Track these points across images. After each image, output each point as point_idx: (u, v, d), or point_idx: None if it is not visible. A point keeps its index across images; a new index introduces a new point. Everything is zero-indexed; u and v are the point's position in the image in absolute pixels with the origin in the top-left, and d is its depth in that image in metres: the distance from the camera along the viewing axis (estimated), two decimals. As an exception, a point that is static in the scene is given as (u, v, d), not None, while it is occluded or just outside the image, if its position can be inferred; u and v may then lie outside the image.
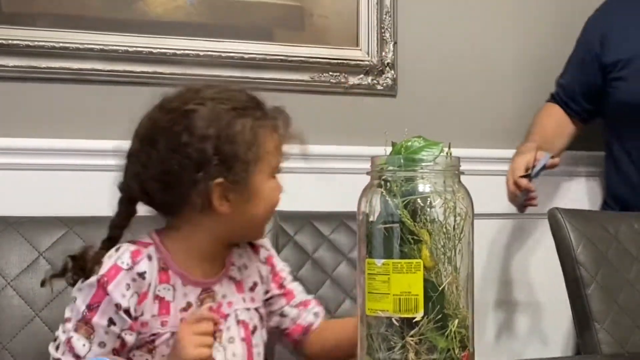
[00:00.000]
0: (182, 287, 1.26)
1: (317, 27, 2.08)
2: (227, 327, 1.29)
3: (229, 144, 1.24)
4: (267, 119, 1.31)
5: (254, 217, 1.30)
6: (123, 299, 1.20)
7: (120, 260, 1.23)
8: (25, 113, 1.86)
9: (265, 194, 1.29)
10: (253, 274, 1.37)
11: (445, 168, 0.99)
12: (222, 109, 1.26)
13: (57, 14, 1.87)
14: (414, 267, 0.95)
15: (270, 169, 1.29)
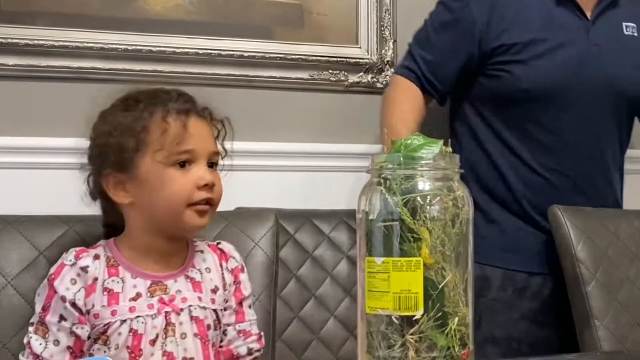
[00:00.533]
0: (131, 279, 1.32)
1: (316, 25, 2.08)
2: (180, 322, 1.32)
3: (112, 136, 1.31)
4: (155, 108, 1.32)
5: (155, 206, 1.31)
6: (67, 292, 1.28)
7: (67, 259, 1.32)
8: (25, 112, 1.86)
9: (159, 182, 1.29)
10: (216, 279, 1.39)
11: (444, 166, 0.99)
12: (116, 105, 1.36)
13: (56, 13, 1.87)
14: (414, 265, 0.95)
15: (162, 157, 1.29)
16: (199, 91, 2.00)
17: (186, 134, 1.30)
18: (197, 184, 1.31)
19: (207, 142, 1.34)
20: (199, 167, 1.32)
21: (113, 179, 1.32)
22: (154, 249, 1.35)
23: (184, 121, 1.31)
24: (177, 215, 1.31)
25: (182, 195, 1.30)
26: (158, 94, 1.35)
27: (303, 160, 2.00)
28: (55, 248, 1.52)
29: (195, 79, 1.97)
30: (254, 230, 1.68)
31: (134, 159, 1.30)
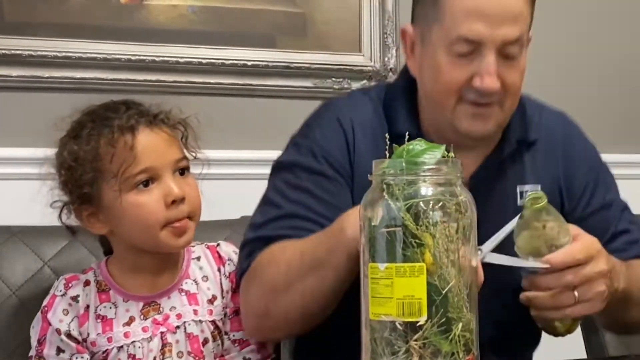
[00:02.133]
0: (123, 304, 1.30)
1: (319, 34, 2.08)
2: (176, 341, 1.29)
3: (70, 172, 1.27)
4: (101, 131, 1.25)
5: (130, 233, 1.27)
6: (61, 324, 1.27)
7: (57, 289, 1.30)
8: (28, 123, 1.87)
9: (125, 209, 1.24)
10: (213, 287, 1.35)
11: (447, 171, 0.98)
12: (64, 141, 1.30)
13: (59, 24, 1.88)
14: (417, 271, 0.94)
15: (123, 184, 1.23)
16: (203, 100, 2.02)
17: (136, 153, 1.23)
18: (166, 202, 1.24)
19: (165, 153, 1.26)
20: (164, 183, 1.24)
21: (85, 211, 1.28)
22: (144, 268, 1.31)
23: (130, 141, 1.23)
24: (153, 239, 1.26)
25: (153, 217, 1.24)
26: (103, 114, 1.28)
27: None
28: (60, 258, 1.52)
29: (199, 89, 1.98)
30: (258, 239, 1.67)
31: (95, 190, 1.25)
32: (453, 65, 1.30)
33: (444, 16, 1.30)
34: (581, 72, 2.34)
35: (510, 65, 1.30)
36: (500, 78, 1.29)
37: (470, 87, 1.29)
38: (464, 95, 1.30)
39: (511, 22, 1.27)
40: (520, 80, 1.34)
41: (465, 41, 1.28)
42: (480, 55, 1.28)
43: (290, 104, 2.09)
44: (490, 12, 1.27)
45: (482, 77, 1.28)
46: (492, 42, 1.27)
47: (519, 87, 1.34)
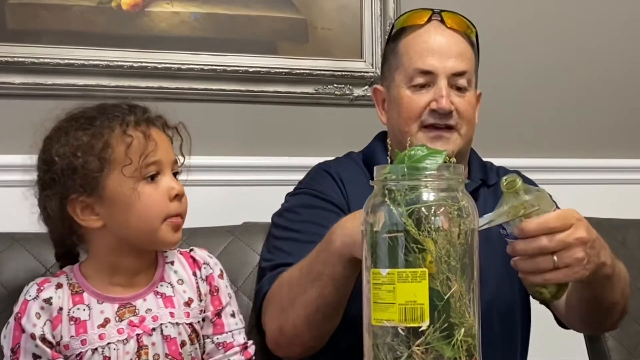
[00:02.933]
0: (97, 305, 1.29)
1: (321, 40, 2.09)
2: (152, 343, 1.29)
3: (71, 160, 1.26)
4: (113, 123, 1.27)
5: (130, 225, 1.27)
6: (35, 328, 1.25)
7: (28, 294, 1.28)
8: (31, 130, 1.87)
9: (131, 200, 1.25)
10: (190, 290, 1.35)
11: (448, 176, 0.98)
12: (66, 127, 1.30)
13: (62, 31, 1.88)
14: (419, 276, 0.95)
15: (131, 172, 1.25)
16: (205, 107, 2.02)
17: (151, 144, 1.27)
18: (169, 195, 1.27)
19: (169, 151, 1.31)
20: (167, 178, 1.28)
21: (80, 204, 1.27)
22: (122, 268, 1.31)
23: (146, 132, 1.28)
24: (152, 232, 1.27)
25: (157, 209, 1.26)
26: (108, 109, 1.30)
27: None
28: (62, 265, 1.52)
29: (201, 95, 1.99)
30: (260, 245, 1.67)
31: (99, 180, 1.25)
32: (413, 96, 1.56)
33: (403, 60, 1.58)
34: (578, 77, 2.34)
35: (460, 96, 1.56)
36: (453, 104, 1.54)
37: (429, 111, 1.53)
38: (424, 122, 1.54)
39: (457, 57, 1.56)
40: (471, 111, 1.58)
41: (421, 72, 1.55)
42: (435, 85, 1.54)
43: (291, 110, 2.09)
44: (439, 49, 1.56)
45: (437, 100, 1.53)
46: (442, 72, 1.54)
47: (471, 117, 1.58)
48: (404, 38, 1.60)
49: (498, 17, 2.24)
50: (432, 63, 1.54)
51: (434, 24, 1.58)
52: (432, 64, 1.54)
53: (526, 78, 2.29)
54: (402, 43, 1.60)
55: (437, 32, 1.58)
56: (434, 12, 1.59)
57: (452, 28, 1.58)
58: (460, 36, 1.58)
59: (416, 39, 1.58)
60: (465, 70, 1.55)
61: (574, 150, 2.30)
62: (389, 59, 1.63)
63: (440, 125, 1.54)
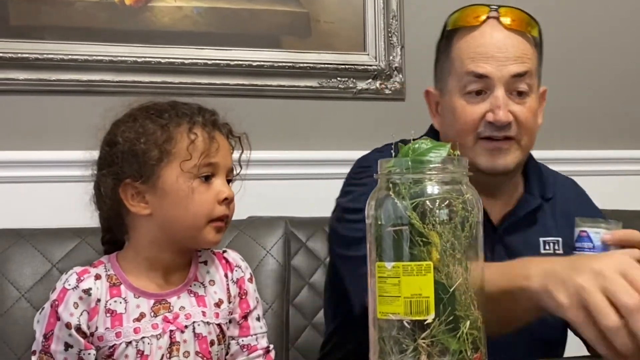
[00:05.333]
0: (134, 299, 1.30)
1: (324, 33, 2.08)
2: (184, 340, 1.30)
3: (134, 145, 1.28)
4: (181, 119, 1.30)
5: (177, 219, 1.29)
6: (72, 317, 1.25)
7: (67, 282, 1.28)
8: (36, 125, 1.87)
9: (181, 193, 1.28)
10: (220, 292, 1.36)
11: (453, 169, 0.98)
12: (136, 115, 1.32)
13: (65, 27, 1.89)
14: (424, 270, 0.94)
15: (188, 168, 1.27)
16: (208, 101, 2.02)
17: (213, 146, 1.30)
18: (218, 198, 1.29)
19: (227, 158, 1.33)
20: (220, 182, 1.31)
21: (132, 189, 1.29)
22: (160, 263, 1.32)
23: (211, 133, 1.30)
24: (196, 230, 1.30)
25: (205, 209, 1.29)
26: (179, 105, 1.34)
27: (313, 168, 2.00)
28: (68, 260, 1.53)
29: (205, 90, 1.99)
30: (265, 239, 1.68)
31: (157, 169, 1.28)
32: (467, 106, 1.41)
33: (456, 65, 1.43)
34: (582, 69, 2.34)
35: (520, 103, 1.41)
36: (512, 113, 1.39)
37: (485, 123, 1.39)
38: (480, 133, 1.40)
39: (516, 60, 1.40)
40: (532, 119, 1.43)
41: (475, 77, 1.40)
42: (491, 93, 1.39)
43: (295, 104, 2.10)
44: (495, 53, 1.40)
45: (494, 111, 1.38)
46: (499, 78, 1.39)
47: (532, 126, 1.42)
48: (458, 40, 1.45)
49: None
50: (488, 67, 1.40)
51: (490, 23, 1.43)
52: (488, 68, 1.40)
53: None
54: (456, 46, 1.45)
55: (493, 33, 1.42)
56: (491, 9, 1.44)
57: (510, 28, 1.43)
58: (520, 36, 1.43)
59: (469, 42, 1.43)
60: (525, 72, 1.40)
61: (578, 142, 2.30)
62: (441, 59, 1.49)
63: (498, 137, 1.40)
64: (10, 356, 1.46)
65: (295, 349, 1.67)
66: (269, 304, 1.64)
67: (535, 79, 1.44)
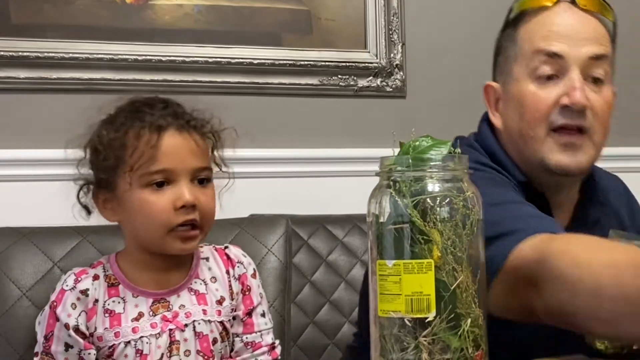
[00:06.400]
0: (133, 299, 1.30)
1: (325, 31, 2.08)
2: (184, 339, 1.29)
3: (98, 151, 1.28)
4: (133, 123, 1.27)
5: (137, 228, 1.28)
6: (69, 318, 1.26)
7: (65, 283, 1.29)
8: (37, 124, 1.87)
9: (135, 204, 1.25)
10: (222, 289, 1.35)
11: (454, 167, 0.98)
12: (107, 118, 1.31)
13: (66, 25, 1.89)
14: (425, 267, 0.94)
15: (138, 179, 1.24)
16: (209, 99, 2.01)
17: (157, 153, 1.24)
18: (175, 205, 1.24)
19: (186, 159, 1.26)
20: (178, 187, 1.25)
21: (102, 195, 1.30)
22: (155, 264, 1.31)
23: (155, 140, 1.24)
24: (158, 240, 1.27)
25: (159, 218, 1.24)
26: (140, 107, 1.29)
27: (314, 166, 2.00)
28: (70, 259, 1.53)
29: (206, 88, 1.99)
30: (266, 237, 1.68)
31: (113, 177, 1.26)
32: (538, 91, 1.26)
33: (524, 47, 1.29)
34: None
35: (597, 91, 1.27)
36: (588, 100, 1.24)
37: (559, 109, 1.25)
38: (553, 122, 1.25)
39: (593, 40, 1.27)
40: (608, 112, 1.29)
41: (548, 57, 1.26)
42: (565, 76, 1.25)
43: (296, 102, 2.09)
44: (570, 33, 1.27)
45: (570, 94, 1.24)
46: (575, 59, 1.26)
47: (606, 119, 1.28)
48: (526, 23, 1.31)
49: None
50: (563, 46, 1.26)
51: (562, 6, 1.30)
52: (563, 47, 1.26)
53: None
54: (524, 29, 1.31)
55: (566, 14, 1.28)
56: None
57: (586, 9, 1.29)
58: (597, 19, 1.30)
59: (540, 22, 1.29)
60: (603, 54, 1.27)
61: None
62: (506, 48, 1.34)
63: (571, 127, 1.25)
64: (12, 355, 1.46)
65: (297, 347, 1.67)
66: (270, 302, 1.64)
67: (610, 68, 1.30)
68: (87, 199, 1.33)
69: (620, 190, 1.49)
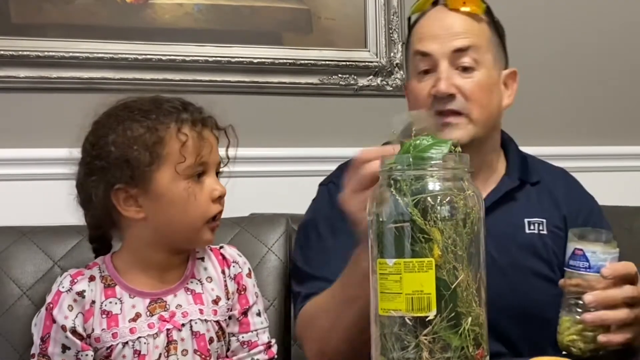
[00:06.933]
0: (129, 300, 1.30)
1: (325, 30, 2.08)
2: (182, 339, 1.30)
3: (123, 148, 1.26)
4: (168, 119, 1.28)
5: (173, 222, 1.28)
6: (66, 320, 1.26)
7: (61, 285, 1.28)
8: (37, 123, 1.87)
9: (176, 196, 1.27)
10: (217, 289, 1.36)
11: (454, 165, 0.98)
12: (119, 115, 1.30)
13: (66, 24, 1.88)
14: (426, 266, 0.94)
15: (182, 170, 1.26)
16: (209, 98, 2.01)
17: (207, 145, 1.29)
18: (212, 197, 1.29)
19: (216, 153, 1.33)
20: (212, 179, 1.30)
21: (124, 194, 1.27)
22: (155, 263, 1.32)
23: (200, 131, 1.29)
24: (193, 231, 1.29)
25: (201, 209, 1.28)
26: (163, 103, 1.31)
27: (314, 165, 2.00)
28: (70, 258, 1.53)
29: (206, 87, 1.99)
30: (267, 236, 1.68)
31: (149, 173, 1.26)
32: (418, 85, 1.48)
33: (410, 50, 1.53)
34: (586, 64, 2.33)
35: (466, 77, 1.45)
36: (457, 87, 1.44)
37: (432, 98, 1.44)
38: (433, 108, 1.44)
39: (457, 35, 1.46)
40: (482, 93, 1.46)
41: (421, 56, 1.48)
42: (436, 69, 1.45)
43: (296, 101, 2.09)
44: (439, 32, 1.47)
45: (436, 84, 1.44)
46: (441, 54, 1.46)
47: (481, 99, 1.45)
48: (412, 28, 1.54)
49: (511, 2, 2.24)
50: (431, 45, 1.46)
51: (436, 9, 1.52)
52: (431, 46, 1.46)
53: (534, 65, 2.28)
54: (411, 34, 1.54)
55: (437, 16, 1.50)
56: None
57: (455, 9, 1.49)
58: (464, 15, 1.49)
59: (419, 26, 1.52)
60: (467, 46, 1.45)
61: (581, 138, 2.29)
62: (406, 51, 1.58)
63: (444, 110, 1.44)
64: (12, 354, 1.46)
65: (298, 346, 1.67)
66: (270, 301, 1.64)
67: (485, 54, 1.48)
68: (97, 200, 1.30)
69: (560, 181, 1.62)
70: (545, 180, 1.59)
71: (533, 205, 1.54)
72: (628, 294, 1.23)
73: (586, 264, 1.20)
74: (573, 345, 1.24)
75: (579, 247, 1.24)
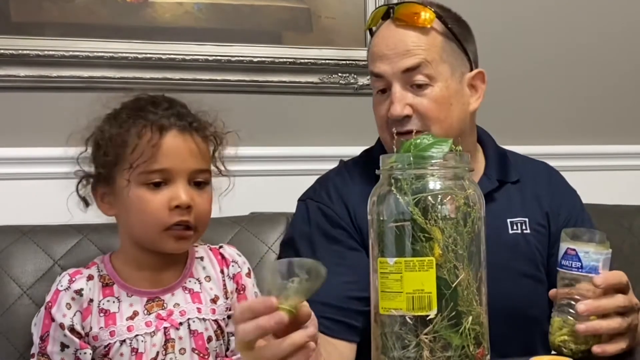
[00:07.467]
0: (127, 298, 1.30)
1: (325, 29, 2.08)
2: (179, 337, 1.30)
3: (95, 147, 1.30)
4: (136, 121, 1.27)
5: (132, 225, 1.29)
6: (64, 318, 1.26)
7: (60, 284, 1.30)
8: (37, 122, 1.87)
9: (131, 202, 1.26)
10: (216, 288, 1.36)
11: (455, 165, 0.98)
12: (109, 114, 1.32)
13: (66, 23, 1.88)
14: (426, 265, 0.95)
15: (136, 177, 1.25)
16: (209, 97, 2.02)
17: (157, 152, 1.24)
18: (170, 205, 1.25)
19: (185, 161, 1.27)
20: (175, 188, 1.25)
21: (100, 189, 1.31)
22: (148, 263, 1.32)
23: (157, 139, 1.25)
24: (151, 238, 1.27)
25: (153, 217, 1.25)
26: (145, 105, 1.30)
27: (314, 164, 2.00)
28: (70, 257, 1.53)
29: (206, 86, 1.98)
30: (267, 235, 1.68)
31: (112, 173, 1.27)
32: (377, 104, 1.47)
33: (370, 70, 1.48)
34: (585, 63, 2.33)
35: (420, 95, 1.42)
36: (412, 106, 1.41)
37: (388, 120, 1.43)
38: (391, 129, 1.40)
39: (405, 54, 1.42)
40: (438, 108, 1.42)
41: (375, 76, 1.45)
42: (391, 89, 1.42)
43: (296, 100, 2.09)
44: (387, 52, 1.43)
45: (389, 107, 1.42)
46: (392, 75, 1.42)
47: (438, 114, 1.42)
48: (369, 44, 1.51)
49: (506, 3, 2.24)
50: (382, 66, 1.43)
51: (386, 24, 1.47)
52: (382, 67, 1.43)
53: (532, 64, 2.28)
54: (368, 50, 1.51)
55: (386, 34, 1.45)
56: (388, 8, 1.47)
57: (400, 26, 1.44)
58: (411, 30, 1.43)
59: (371, 45, 1.48)
60: (417, 64, 1.41)
61: (581, 137, 2.29)
62: None
63: (404, 132, 1.39)
64: (13, 353, 1.46)
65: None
66: (270, 300, 1.64)
67: (439, 67, 1.42)
68: (87, 192, 1.34)
69: (542, 177, 1.60)
70: (525, 177, 1.57)
71: (514, 204, 1.52)
72: (620, 304, 1.23)
73: (579, 264, 1.21)
74: (564, 346, 1.25)
75: (571, 247, 1.24)
